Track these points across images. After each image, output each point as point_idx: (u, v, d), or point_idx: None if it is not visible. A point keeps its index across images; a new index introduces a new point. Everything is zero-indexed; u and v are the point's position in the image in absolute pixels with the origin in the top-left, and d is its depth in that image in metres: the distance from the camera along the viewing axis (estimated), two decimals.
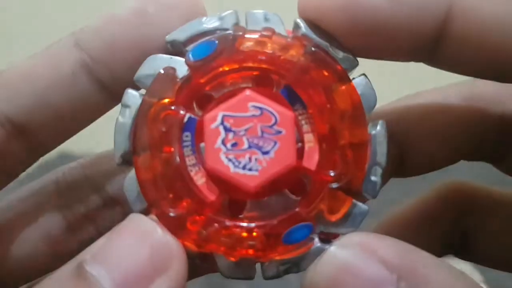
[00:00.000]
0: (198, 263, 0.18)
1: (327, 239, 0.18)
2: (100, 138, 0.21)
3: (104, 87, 0.19)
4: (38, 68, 0.18)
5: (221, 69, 0.18)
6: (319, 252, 0.18)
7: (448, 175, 0.24)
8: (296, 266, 0.18)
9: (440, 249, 0.24)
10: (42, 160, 0.20)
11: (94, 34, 0.18)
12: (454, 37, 0.18)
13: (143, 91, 0.18)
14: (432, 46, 0.18)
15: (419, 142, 0.22)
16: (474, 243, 0.24)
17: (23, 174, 0.20)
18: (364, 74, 0.18)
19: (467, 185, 0.24)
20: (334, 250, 0.17)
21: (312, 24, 0.18)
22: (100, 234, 0.22)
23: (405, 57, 0.19)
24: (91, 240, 0.22)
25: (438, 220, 0.24)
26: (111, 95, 0.19)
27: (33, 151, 0.19)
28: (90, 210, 0.21)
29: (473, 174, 0.24)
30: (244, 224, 0.18)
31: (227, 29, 0.18)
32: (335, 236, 0.18)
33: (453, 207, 0.24)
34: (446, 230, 0.24)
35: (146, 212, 0.18)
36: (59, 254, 0.21)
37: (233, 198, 0.18)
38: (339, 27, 0.18)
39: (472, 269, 0.36)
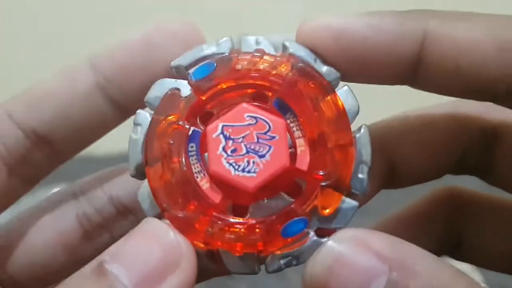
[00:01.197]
0: (207, 262, 0.20)
1: (323, 234, 0.20)
2: (99, 142, 0.24)
3: (116, 104, 0.22)
4: (59, 88, 0.21)
5: (219, 86, 0.20)
6: (316, 245, 0.20)
7: (443, 181, 0.26)
8: (295, 259, 0.20)
9: (435, 251, 0.26)
10: None
11: (108, 58, 0.21)
12: (431, 61, 0.20)
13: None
14: (412, 70, 0.20)
15: (406, 156, 0.24)
16: (468, 244, 0.25)
17: None
18: (347, 85, 0.21)
19: (461, 189, 0.26)
20: (331, 243, 0.19)
21: (299, 45, 0.21)
22: (114, 241, 0.24)
23: (389, 81, 0.21)
24: (106, 246, 0.24)
25: (433, 222, 0.26)
26: (122, 112, 0.22)
27: (53, 160, 0.22)
28: (105, 219, 0.23)
29: (463, 183, 0.26)
30: (246, 221, 0.20)
31: (223, 53, 0.21)
32: (331, 232, 0.20)
33: (448, 210, 0.26)
34: (441, 232, 0.26)
35: (159, 217, 0.20)
36: (76, 260, 0.23)
37: (236, 201, 0.20)
38: (331, 54, 0.20)
39: (474, 270, 0.37)
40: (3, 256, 0.23)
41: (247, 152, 0.20)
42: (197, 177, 0.20)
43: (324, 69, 0.21)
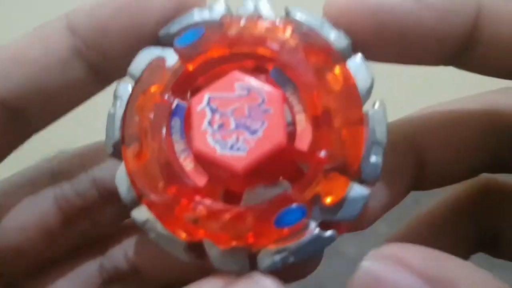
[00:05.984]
0: (190, 256, 0.17)
1: (327, 227, 0.17)
2: (98, 138, 0.21)
3: (96, 70, 0.19)
4: (31, 52, 0.18)
5: (208, 54, 0.18)
6: (317, 239, 0.16)
7: None
8: (293, 254, 0.17)
9: (469, 248, 0.23)
10: (40, 159, 0.20)
11: (86, 18, 0.18)
12: (485, 40, 0.18)
13: None
14: (461, 49, 0.18)
15: (436, 154, 0.21)
16: (506, 240, 0.22)
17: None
18: (359, 54, 0.18)
19: (498, 181, 0.23)
20: (366, 264, 0.16)
21: (303, 9, 0.18)
22: (95, 229, 0.21)
23: (434, 61, 0.19)
24: (86, 234, 0.21)
25: (467, 217, 0.23)
26: (103, 78, 0.19)
27: (26, 130, 0.19)
28: (87, 203, 0.21)
29: None
30: (233, 208, 0.17)
31: (216, 20, 0.18)
32: (337, 225, 0.17)
33: (483, 203, 0.23)
34: (475, 227, 0.23)
35: (137, 203, 0.18)
36: (53, 245, 0.21)
37: (225, 185, 0.17)
38: (367, 33, 0.18)
39: None
40: None
41: (237, 127, 0.17)
42: (180, 156, 0.17)
43: (332, 34, 0.18)
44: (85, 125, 0.20)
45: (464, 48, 0.18)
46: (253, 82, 0.17)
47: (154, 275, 0.21)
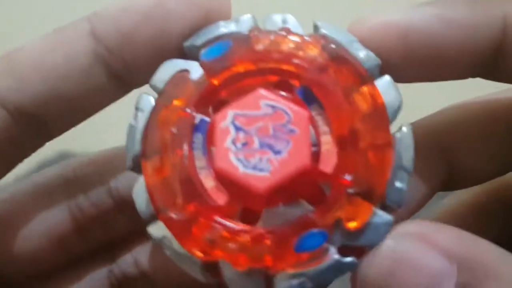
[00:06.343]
0: (205, 276, 0.17)
1: (348, 253, 0.16)
2: (99, 137, 0.20)
3: (117, 77, 0.18)
4: (51, 57, 0.18)
5: (234, 69, 0.17)
6: (337, 266, 0.16)
7: None
8: (311, 280, 0.16)
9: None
10: (41, 159, 0.19)
11: (110, 24, 0.18)
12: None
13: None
14: (490, 62, 0.18)
15: (467, 152, 0.20)
16: None
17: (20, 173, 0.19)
18: (388, 75, 0.17)
19: None
20: (390, 242, 0.16)
21: (333, 25, 0.18)
22: (110, 239, 0.21)
23: (462, 76, 0.19)
24: (98, 241, 0.21)
25: (492, 216, 0.22)
26: (123, 85, 0.18)
27: (41, 138, 0.19)
28: (101, 212, 0.20)
29: None
30: (253, 229, 0.16)
31: (243, 32, 0.18)
32: (358, 250, 0.16)
33: (509, 202, 0.22)
34: (501, 226, 0.22)
35: (154, 217, 0.17)
36: (65, 255, 0.20)
37: (245, 204, 0.17)
38: (395, 55, 0.17)
39: None
40: None
41: (261, 146, 0.16)
42: (201, 173, 0.17)
43: (361, 53, 0.17)
44: (83, 127, 0.20)
45: (492, 60, 0.18)
46: (279, 100, 0.17)
47: (164, 282, 0.21)
